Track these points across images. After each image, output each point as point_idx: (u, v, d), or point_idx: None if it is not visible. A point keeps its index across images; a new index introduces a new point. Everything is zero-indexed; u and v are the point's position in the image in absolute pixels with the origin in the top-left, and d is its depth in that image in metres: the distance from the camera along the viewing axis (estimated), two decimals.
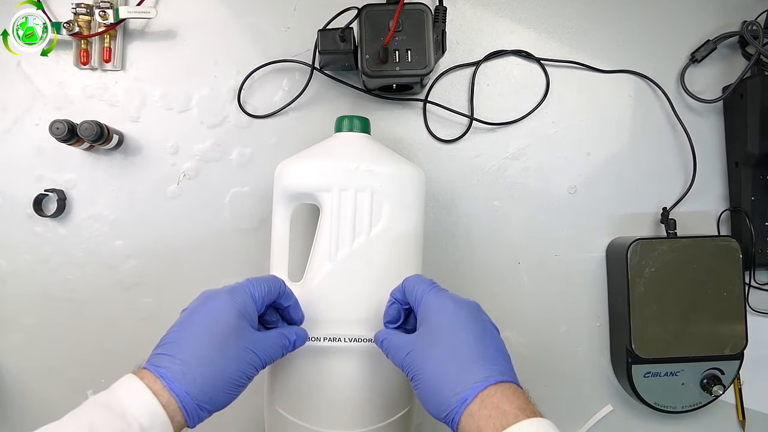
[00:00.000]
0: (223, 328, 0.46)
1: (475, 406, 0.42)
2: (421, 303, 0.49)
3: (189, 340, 0.46)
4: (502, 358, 0.46)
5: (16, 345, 0.65)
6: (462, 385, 0.43)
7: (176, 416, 0.43)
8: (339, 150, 0.58)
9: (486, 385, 0.43)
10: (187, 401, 0.43)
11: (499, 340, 0.48)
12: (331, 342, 0.54)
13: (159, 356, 0.45)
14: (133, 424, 0.41)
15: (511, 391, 0.43)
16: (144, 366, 0.45)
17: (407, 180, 0.57)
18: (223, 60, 0.67)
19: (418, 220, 0.58)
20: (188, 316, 0.48)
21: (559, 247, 0.68)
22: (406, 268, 0.56)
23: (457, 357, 0.45)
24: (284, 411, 0.55)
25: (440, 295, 0.49)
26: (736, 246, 0.64)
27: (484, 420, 0.42)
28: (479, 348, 0.45)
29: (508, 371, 0.45)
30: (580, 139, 0.69)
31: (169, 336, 0.47)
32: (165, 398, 0.43)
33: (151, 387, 0.43)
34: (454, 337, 0.46)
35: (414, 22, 0.60)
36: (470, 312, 0.48)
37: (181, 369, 0.44)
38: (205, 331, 0.46)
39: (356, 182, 0.55)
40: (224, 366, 0.45)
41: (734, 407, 0.68)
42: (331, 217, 0.55)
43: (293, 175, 0.57)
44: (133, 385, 0.43)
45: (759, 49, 0.65)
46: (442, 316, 0.47)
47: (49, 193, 0.65)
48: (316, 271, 0.55)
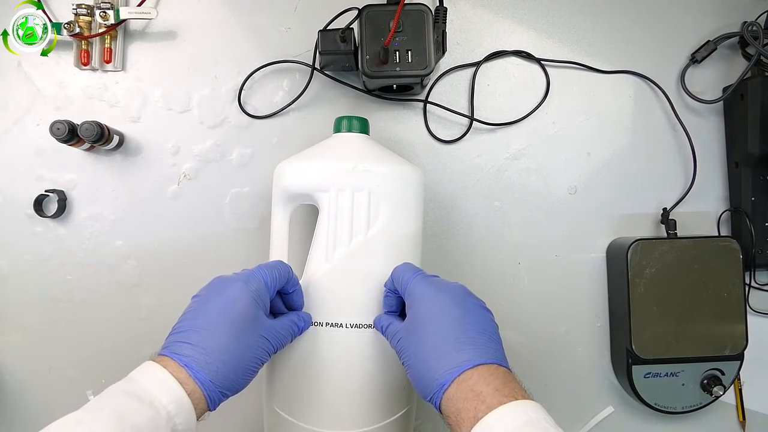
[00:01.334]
0: (240, 317, 0.47)
1: (452, 390, 0.44)
2: (407, 291, 0.50)
3: (209, 329, 0.46)
4: (486, 340, 0.46)
5: (16, 345, 0.65)
6: (441, 371, 0.44)
7: (200, 403, 0.45)
8: (337, 150, 0.58)
9: (462, 369, 0.44)
10: (212, 389, 0.45)
11: (483, 321, 0.48)
12: (331, 327, 0.54)
13: (180, 344, 0.46)
14: (161, 412, 0.42)
15: (489, 372, 0.44)
16: (164, 353, 0.46)
17: (405, 180, 0.57)
18: (223, 60, 0.67)
19: (417, 220, 0.58)
20: (204, 303, 0.48)
21: (559, 248, 0.68)
22: None
23: (437, 343, 0.46)
24: (283, 411, 0.55)
25: (423, 281, 0.50)
26: (737, 246, 0.64)
27: (461, 402, 0.43)
28: (458, 333, 0.46)
29: (490, 352, 0.46)
30: (581, 139, 0.69)
31: (186, 323, 0.47)
32: (190, 387, 0.44)
33: (177, 376, 0.44)
34: (434, 323, 0.47)
35: (414, 23, 0.60)
36: (452, 296, 0.49)
37: (204, 359, 0.45)
38: (224, 320, 0.47)
39: (353, 182, 0.55)
40: (242, 353, 0.47)
41: (734, 408, 0.68)
42: (329, 217, 0.55)
43: (291, 176, 0.57)
44: (158, 374, 0.44)
45: (759, 50, 0.65)
46: (424, 303, 0.48)
47: (50, 194, 0.65)
48: (314, 271, 0.55)
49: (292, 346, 0.53)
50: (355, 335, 0.54)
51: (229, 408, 0.47)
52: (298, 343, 0.54)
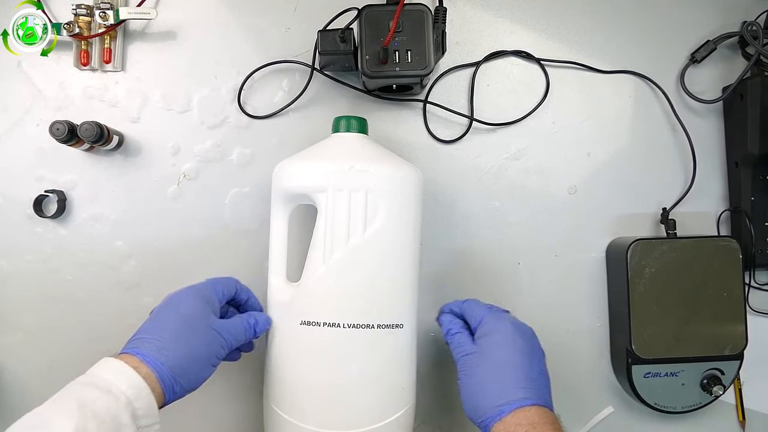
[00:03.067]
0: (190, 310, 0.51)
1: (508, 418, 0.48)
2: (482, 321, 0.55)
3: (160, 325, 0.51)
4: (544, 383, 0.52)
5: (17, 345, 0.65)
6: (502, 400, 0.49)
7: (156, 388, 0.47)
8: (335, 150, 0.58)
9: (523, 404, 0.49)
10: (164, 372, 0.47)
11: (543, 364, 0.54)
12: (330, 327, 0.54)
13: (133, 341, 0.50)
14: (120, 398, 0.44)
15: (543, 413, 0.49)
16: (120, 352, 0.49)
17: (403, 180, 0.57)
18: (223, 60, 0.67)
19: (415, 220, 0.57)
20: (157, 311, 0.53)
21: (559, 248, 0.68)
22: (402, 268, 0.56)
23: (504, 373, 0.51)
24: (282, 411, 0.55)
25: (500, 316, 0.56)
26: (736, 246, 0.64)
27: (513, 427, 0.47)
28: (526, 370, 0.51)
29: (546, 396, 0.51)
30: (580, 139, 0.69)
31: (141, 329, 0.51)
32: (144, 371, 0.47)
33: (131, 364, 0.47)
34: (506, 355, 0.52)
35: (414, 23, 0.60)
36: (525, 336, 0.54)
37: (155, 345, 0.48)
38: (174, 316, 0.51)
39: (351, 182, 0.55)
40: (194, 341, 0.50)
41: (734, 407, 0.68)
42: (327, 217, 0.55)
43: (289, 176, 0.57)
44: (113, 364, 0.47)
45: (759, 50, 0.65)
46: (499, 335, 0.54)
47: (50, 194, 0.65)
48: (313, 271, 0.55)
49: (291, 346, 0.54)
50: (354, 335, 0.54)
51: (230, 408, 0.47)
52: (297, 343, 0.54)
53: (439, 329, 0.59)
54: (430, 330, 0.65)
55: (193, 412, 0.63)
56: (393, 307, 0.56)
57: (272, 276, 0.59)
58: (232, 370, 0.63)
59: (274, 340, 0.57)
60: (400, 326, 0.56)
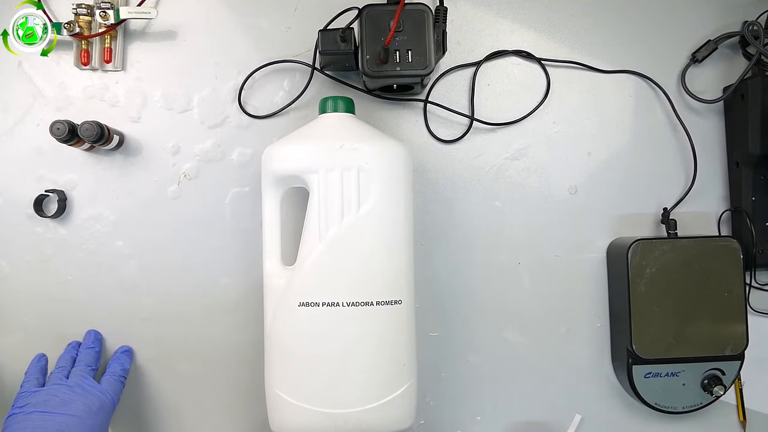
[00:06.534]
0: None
1: None
2: None
3: None
4: None
5: (17, 345, 0.65)
6: None
7: None
8: (323, 131, 0.58)
9: None
10: None
11: None
12: (328, 307, 0.54)
13: None
14: None
15: None
16: None
17: (393, 157, 0.57)
18: (223, 60, 0.67)
19: (407, 196, 0.58)
20: None
21: (559, 248, 0.68)
22: (397, 243, 0.57)
23: None
24: (285, 394, 0.56)
25: None
26: (737, 246, 0.64)
27: None
28: None
29: None
30: (581, 139, 0.69)
31: None
32: None
33: None
34: None
35: (414, 23, 0.59)
36: None
37: None
38: None
39: (341, 162, 0.55)
40: None
41: (735, 408, 0.68)
42: (319, 198, 0.55)
43: (279, 159, 0.57)
44: None
45: (760, 50, 0.65)
46: None
47: (50, 194, 0.65)
48: (308, 253, 0.55)
49: (290, 328, 0.53)
50: (353, 313, 0.54)
51: (230, 402, 0.47)
52: (296, 325, 0.54)
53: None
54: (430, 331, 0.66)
55: (193, 412, 0.64)
56: (390, 284, 0.56)
57: (267, 261, 0.59)
58: (231, 368, 0.63)
59: (273, 325, 0.57)
60: (398, 302, 0.56)
